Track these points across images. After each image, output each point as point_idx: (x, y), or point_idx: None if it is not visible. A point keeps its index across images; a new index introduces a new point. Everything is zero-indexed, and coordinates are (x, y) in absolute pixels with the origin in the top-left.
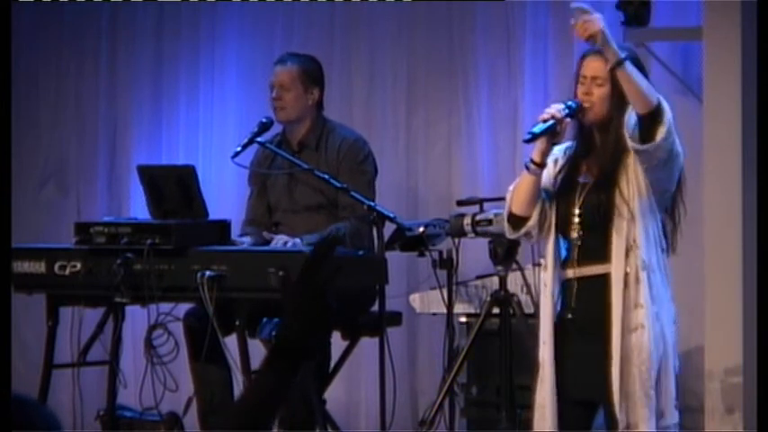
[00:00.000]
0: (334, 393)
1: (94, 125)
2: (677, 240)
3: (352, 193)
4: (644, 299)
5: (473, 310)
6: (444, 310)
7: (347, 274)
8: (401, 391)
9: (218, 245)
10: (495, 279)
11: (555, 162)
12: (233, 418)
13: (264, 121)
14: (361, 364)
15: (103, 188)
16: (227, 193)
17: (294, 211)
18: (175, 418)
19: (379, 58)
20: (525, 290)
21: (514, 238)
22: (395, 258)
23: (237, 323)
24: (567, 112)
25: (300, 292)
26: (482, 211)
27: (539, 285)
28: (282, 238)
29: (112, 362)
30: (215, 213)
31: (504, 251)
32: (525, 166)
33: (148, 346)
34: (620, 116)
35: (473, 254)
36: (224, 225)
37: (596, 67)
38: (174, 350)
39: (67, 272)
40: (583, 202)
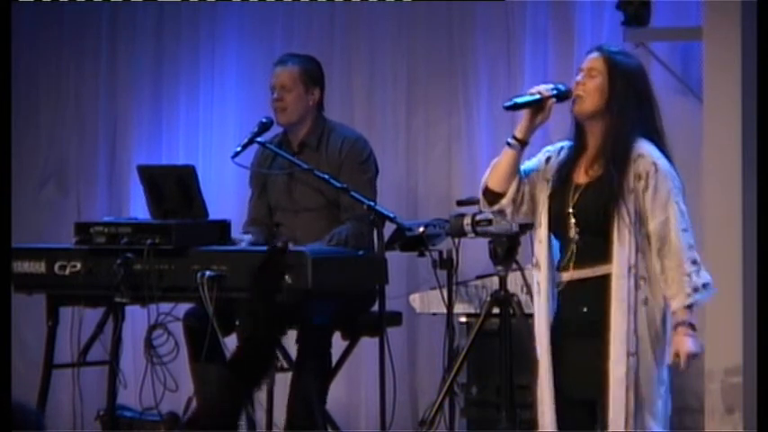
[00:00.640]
0: (335, 393)
1: (94, 125)
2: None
3: (352, 194)
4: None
5: (473, 310)
6: (444, 310)
7: (347, 275)
8: (401, 391)
9: (218, 245)
10: (495, 279)
11: (548, 159)
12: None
13: (264, 121)
14: (361, 364)
15: (103, 188)
16: (227, 193)
17: (294, 212)
18: (175, 418)
19: (379, 58)
20: (525, 290)
21: (488, 211)
22: (395, 258)
23: (237, 323)
24: (555, 92)
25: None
26: (482, 211)
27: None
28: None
29: (112, 362)
30: (215, 213)
31: (504, 251)
32: (507, 142)
33: (148, 346)
34: (619, 113)
35: (473, 254)
36: (224, 225)
37: (593, 59)
38: (174, 350)
39: (67, 272)
40: (578, 202)
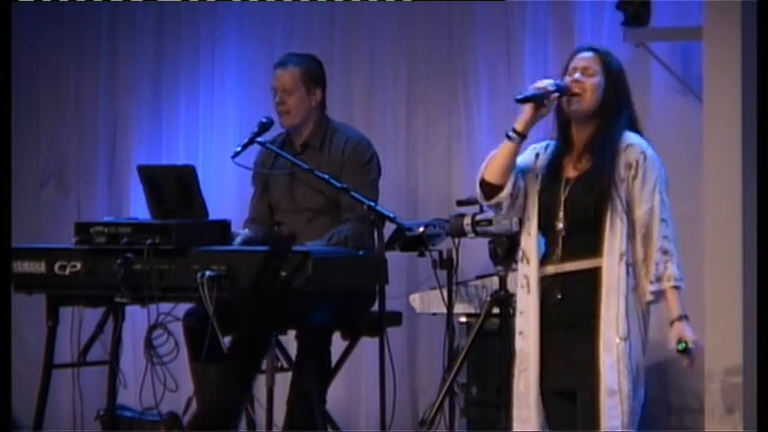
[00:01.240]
0: (334, 393)
1: (94, 125)
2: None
3: (352, 194)
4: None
5: (473, 310)
6: (444, 310)
7: (347, 275)
8: (401, 391)
9: (218, 245)
10: (495, 279)
11: (537, 156)
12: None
13: (264, 121)
14: (361, 364)
15: (103, 188)
16: (227, 193)
17: (295, 212)
18: (175, 418)
19: (379, 58)
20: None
21: (487, 204)
22: (395, 258)
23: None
24: (556, 88)
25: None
26: (482, 211)
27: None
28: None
29: (112, 362)
30: (215, 213)
31: (504, 251)
32: (506, 135)
33: (148, 346)
34: (616, 110)
35: (473, 254)
36: (224, 225)
37: (588, 58)
38: (174, 350)
39: (67, 272)
40: (569, 197)
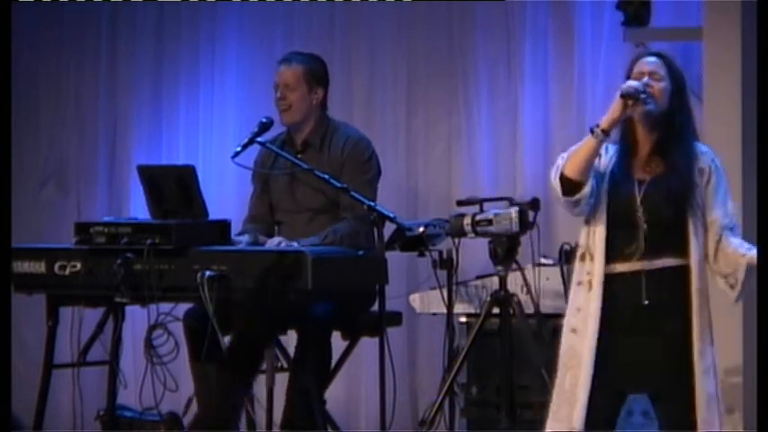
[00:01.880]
0: (334, 393)
1: (94, 125)
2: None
3: (352, 193)
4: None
5: (473, 310)
6: (444, 310)
7: (347, 275)
8: (401, 391)
9: (218, 245)
10: (495, 279)
11: (599, 157)
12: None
13: (264, 121)
14: (361, 364)
15: (103, 188)
16: (227, 193)
17: (296, 212)
18: (175, 418)
19: (379, 58)
20: (525, 290)
21: (566, 201)
22: (395, 258)
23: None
24: (644, 90)
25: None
26: (482, 211)
27: (568, 277)
28: (275, 240)
29: (112, 362)
30: (215, 213)
31: (504, 251)
32: (590, 130)
33: (148, 346)
34: (681, 114)
35: (473, 254)
36: (224, 225)
37: (654, 62)
38: (174, 350)
39: (67, 272)
40: (646, 198)
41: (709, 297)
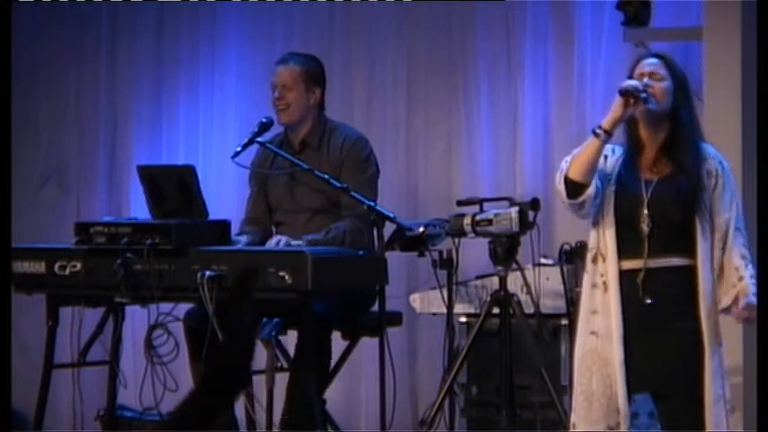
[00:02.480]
0: (334, 393)
1: (94, 125)
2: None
3: (352, 193)
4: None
5: (473, 310)
6: (444, 310)
7: (347, 275)
8: (401, 391)
9: (218, 245)
10: (495, 279)
11: (605, 158)
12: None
13: (264, 121)
14: (361, 364)
15: (103, 188)
16: (227, 193)
17: (296, 212)
18: None
19: (379, 58)
20: (525, 290)
21: (571, 204)
22: (395, 258)
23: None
24: (644, 90)
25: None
26: (482, 211)
27: (569, 278)
28: (275, 239)
29: (112, 362)
30: (215, 213)
31: (504, 251)
32: (593, 132)
33: (148, 346)
34: (684, 113)
35: (473, 254)
36: (224, 225)
37: (654, 63)
38: (174, 350)
39: (67, 272)
40: (653, 199)
41: (716, 298)
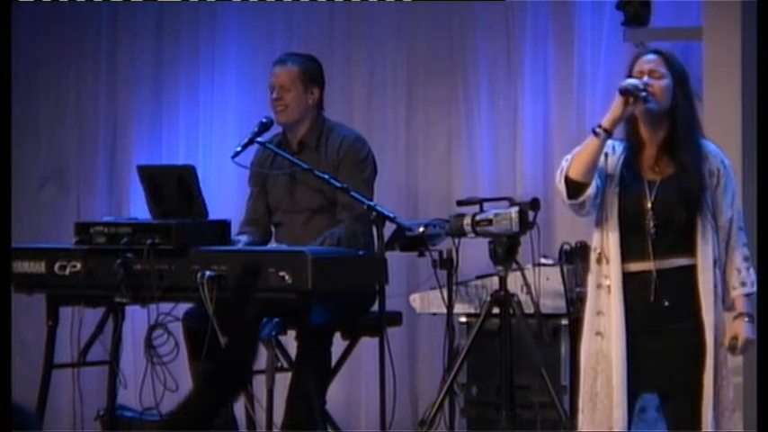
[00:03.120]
0: (334, 393)
1: (94, 125)
2: None
3: (352, 193)
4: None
5: (473, 310)
6: (444, 310)
7: (347, 275)
8: (401, 391)
9: (218, 245)
10: (495, 279)
11: (606, 156)
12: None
13: (264, 121)
14: (361, 364)
15: (103, 188)
16: (227, 193)
17: (295, 212)
18: None
19: (379, 58)
20: (525, 290)
21: (571, 204)
22: (395, 258)
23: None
24: (645, 89)
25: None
26: (482, 211)
27: (569, 278)
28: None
29: (112, 362)
30: (215, 213)
31: (504, 251)
32: (593, 131)
33: (148, 346)
34: (688, 111)
35: (473, 254)
36: (224, 225)
37: (654, 62)
38: (174, 350)
39: (67, 272)
40: (657, 200)
41: (719, 297)
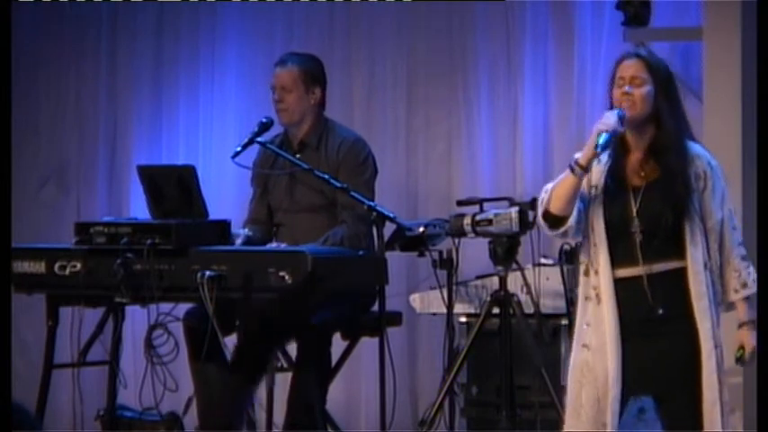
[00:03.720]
0: (334, 393)
1: (94, 125)
2: None
3: (352, 194)
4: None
5: (473, 310)
6: (444, 310)
7: (347, 275)
8: (401, 391)
9: (218, 245)
10: (495, 279)
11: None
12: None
13: (264, 121)
14: (361, 364)
15: (103, 188)
16: (227, 193)
17: (295, 212)
18: (175, 418)
19: (379, 58)
20: (525, 290)
21: (554, 234)
22: (395, 258)
23: (237, 323)
24: (620, 122)
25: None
26: (482, 211)
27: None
28: (274, 245)
29: (112, 362)
30: (215, 213)
31: (504, 251)
32: (570, 167)
33: (148, 346)
34: (670, 115)
35: (473, 254)
36: (224, 225)
37: (635, 67)
38: (174, 350)
39: (67, 272)
40: (642, 206)
41: (713, 299)
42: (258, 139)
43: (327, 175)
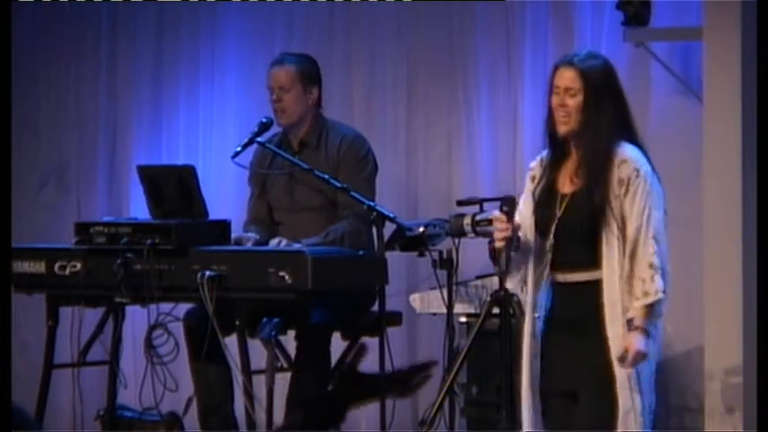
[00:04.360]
0: None
1: (94, 125)
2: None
3: (353, 193)
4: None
5: (473, 310)
6: (444, 310)
7: (347, 275)
8: None
9: (218, 245)
10: (495, 279)
11: (533, 179)
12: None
13: (264, 121)
14: (361, 364)
15: (103, 188)
16: (227, 193)
17: (295, 211)
18: (175, 418)
19: (379, 58)
20: (525, 290)
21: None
22: (395, 258)
23: (237, 323)
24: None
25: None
26: (482, 211)
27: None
28: (275, 240)
29: (112, 362)
30: (215, 213)
31: None
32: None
33: (148, 346)
34: (598, 122)
35: (473, 254)
36: (224, 225)
37: (568, 77)
38: (174, 350)
39: (67, 272)
40: (564, 212)
41: (624, 309)
42: (258, 139)
43: (327, 176)
